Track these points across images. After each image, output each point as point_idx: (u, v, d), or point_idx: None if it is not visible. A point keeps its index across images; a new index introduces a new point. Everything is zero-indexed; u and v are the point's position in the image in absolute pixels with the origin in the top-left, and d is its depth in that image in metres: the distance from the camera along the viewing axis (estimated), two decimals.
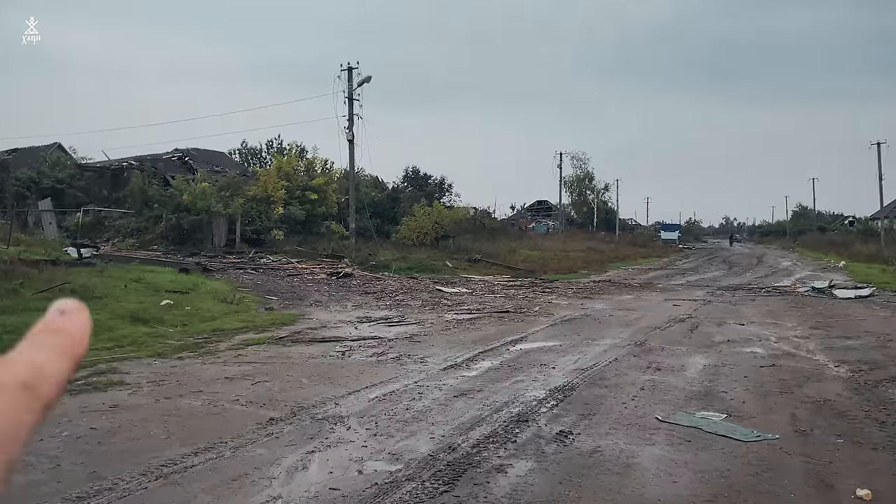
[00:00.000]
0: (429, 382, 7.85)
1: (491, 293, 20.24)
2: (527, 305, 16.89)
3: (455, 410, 6.60)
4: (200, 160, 40.28)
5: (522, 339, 11.47)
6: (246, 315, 13.88)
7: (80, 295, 13.22)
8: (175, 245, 29.80)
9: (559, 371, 8.68)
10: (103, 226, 31.74)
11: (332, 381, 7.92)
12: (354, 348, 10.24)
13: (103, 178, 36.02)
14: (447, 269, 27.91)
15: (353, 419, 6.24)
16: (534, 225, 69.29)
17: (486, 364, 9.13)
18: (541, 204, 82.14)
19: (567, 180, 78.06)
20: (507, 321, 13.89)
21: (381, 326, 12.79)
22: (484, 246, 35.28)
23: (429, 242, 32.41)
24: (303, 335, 11.46)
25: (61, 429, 5.70)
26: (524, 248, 40.95)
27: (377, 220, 36.51)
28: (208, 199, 29.78)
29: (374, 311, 15.22)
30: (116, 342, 10.21)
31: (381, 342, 10.85)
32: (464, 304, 17.19)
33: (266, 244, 29.98)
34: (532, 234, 57.03)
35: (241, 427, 5.92)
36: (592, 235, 61.41)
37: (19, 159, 37.56)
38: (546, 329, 12.83)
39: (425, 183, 49.10)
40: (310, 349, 10.13)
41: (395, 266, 26.66)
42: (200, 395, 7.09)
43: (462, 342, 10.98)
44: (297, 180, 33.42)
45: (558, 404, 6.92)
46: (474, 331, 12.42)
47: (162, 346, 10.00)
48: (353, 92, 27.58)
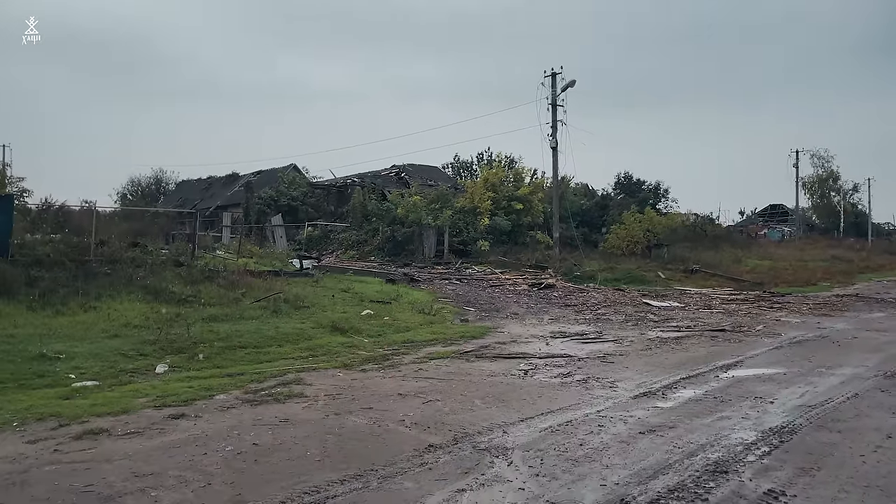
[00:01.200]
0: (613, 413, 6.91)
1: (707, 308, 18.28)
2: (748, 323, 14.88)
3: (638, 451, 5.63)
4: (415, 175, 42.21)
5: (737, 363, 9.93)
6: (440, 327, 13.82)
7: (291, 304, 14.11)
8: (390, 256, 31.35)
9: (778, 407, 7.21)
10: (329, 239, 34.40)
11: (507, 404, 7.31)
12: (539, 367, 9.54)
13: (330, 194, 39.18)
14: (658, 280, 26.00)
15: (517, 452, 5.57)
16: (765, 232, 62.82)
17: (687, 393, 7.91)
18: (774, 208, 74.62)
19: (806, 181, 70.06)
20: (722, 342, 12.24)
21: (574, 343, 11.93)
22: (703, 255, 32.45)
23: (639, 252, 30.52)
24: (489, 350, 11.01)
25: (228, 443, 5.76)
26: (752, 257, 37.09)
27: (584, 228, 35.35)
28: (419, 211, 30.91)
29: (570, 326, 14.36)
30: (312, 351, 10.57)
31: (570, 361, 10.02)
32: (672, 319, 15.63)
33: (472, 254, 30.32)
34: (763, 242, 51.61)
35: (397, 452, 5.54)
36: (838, 242, 54.08)
37: (262, 180, 42.30)
38: (768, 353, 11.05)
39: (638, 189, 46.69)
40: (492, 366, 9.62)
41: (600, 277, 25.41)
42: (369, 412, 6.89)
43: (662, 365, 9.76)
44: (503, 191, 33.48)
45: (771, 452, 5.63)
46: (679, 352, 11.06)
47: (351, 357, 10.14)
48: (556, 98, 26.86)
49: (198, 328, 11.22)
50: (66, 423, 6.31)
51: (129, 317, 11.63)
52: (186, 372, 8.84)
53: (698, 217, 49.59)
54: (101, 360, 9.05)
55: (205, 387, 7.90)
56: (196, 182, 51.22)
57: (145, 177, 62.42)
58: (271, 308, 13.57)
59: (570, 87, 26.62)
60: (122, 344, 9.94)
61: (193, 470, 5.07)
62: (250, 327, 11.80)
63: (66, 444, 5.73)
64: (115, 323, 11.18)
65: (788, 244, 50.69)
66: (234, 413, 6.81)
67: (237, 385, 8.07)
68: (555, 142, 27.00)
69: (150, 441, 5.85)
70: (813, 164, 70.45)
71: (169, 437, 5.97)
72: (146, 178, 62.73)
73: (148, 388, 7.85)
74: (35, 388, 7.70)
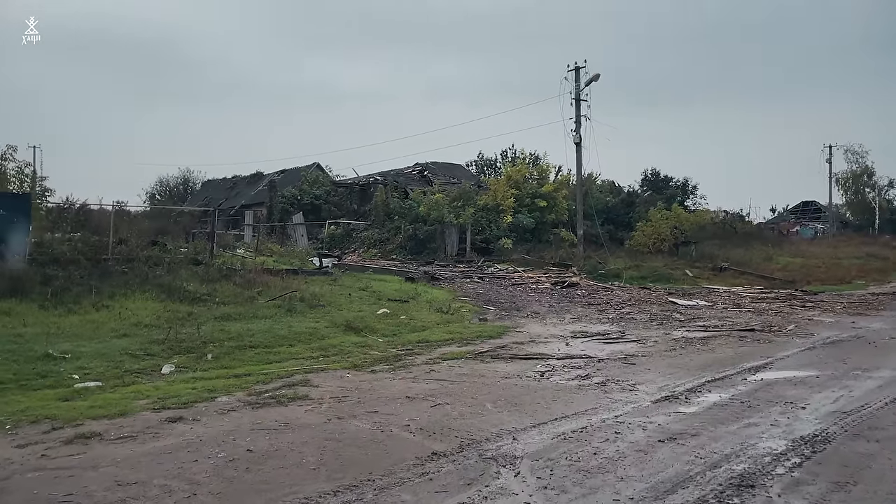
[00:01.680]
0: (632, 418, 6.51)
1: (735, 307, 17.67)
2: (779, 323, 14.29)
3: (656, 461, 5.23)
4: (438, 172, 41.89)
5: (766, 365, 9.43)
6: (457, 326, 13.47)
7: (306, 303, 13.88)
8: (411, 255, 31.05)
9: (810, 413, 6.74)
10: (351, 237, 34.22)
11: (519, 408, 6.95)
12: (557, 368, 9.15)
13: (353, 193, 39.03)
14: (686, 278, 25.34)
15: (525, 462, 5.21)
16: (798, 229, 61.35)
17: (712, 398, 7.47)
18: (807, 205, 72.91)
19: (839, 177, 68.05)
20: (750, 342, 11.72)
21: (595, 343, 11.50)
22: (733, 253, 31.62)
23: (666, 249, 29.80)
24: (506, 350, 10.64)
25: (221, 449, 5.49)
26: (783, 254, 36.06)
27: (610, 226, 34.69)
28: (441, 209, 30.57)
29: (592, 326, 13.92)
30: (323, 351, 10.30)
31: (590, 363, 9.61)
32: (699, 319, 15.09)
33: (494, 253, 29.90)
34: (795, 239, 50.37)
35: (397, 460, 5.21)
36: (873, 239, 52.41)
37: (286, 179, 42.34)
38: (800, 354, 10.52)
39: (666, 186, 45.73)
40: (507, 367, 9.25)
41: (625, 275, 24.84)
42: (373, 416, 6.57)
43: (686, 367, 9.30)
44: (526, 188, 32.99)
45: (802, 463, 5.19)
46: (705, 353, 10.57)
47: (362, 358, 9.85)
48: (580, 92, 26.25)
49: (209, 327, 11.03)
50: (60, 427, 6.09)
51: (141, 316, 11.48)
52: (193, 372, 8.61)
53: (728, 214, 48.52)
54: (106, 360, 8.87)
55: (208, 388, 7.66)
56: (221, 182, 51.51)
57: (173, 177, 63.11)
58: (286, 307, 13.35)
59: (593, 81, 26.00)
60: (131, 343, 9.77)
61: (180, 479, 4.79)
62: (263, 326, 11.58)
63: (56, 448, 5.50)
64: (125, 322, 11.03)
65: (821, 241, 49.35)
66: (234, 416, 6.55)
67: (242, 386, 7.82)
68: (578, 137, 26.41)
69: (141, 446, 5.60)
70: (847, 159, 68.46)
71: (162, 441, 5.71)
72: (174, 179, 63.44)
73: (151, 389, 7.64)
74: (36, 389, 7.52)
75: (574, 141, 26.65)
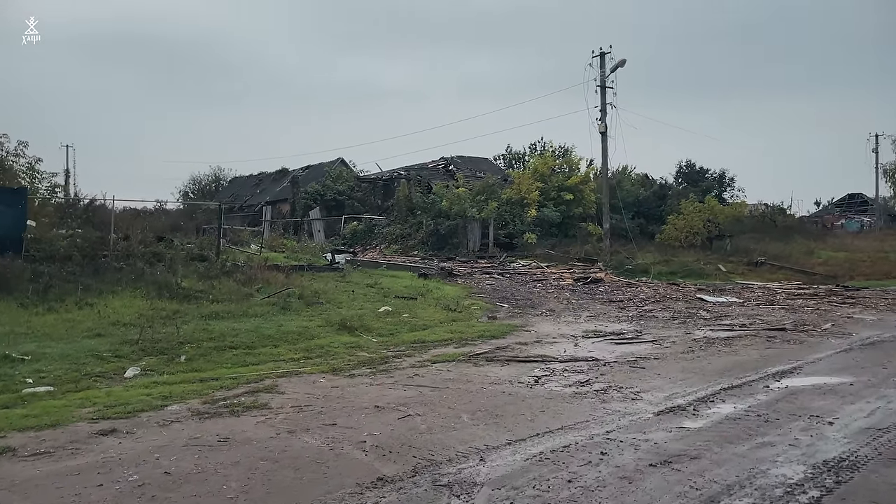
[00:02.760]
0: (625, 435, 5.61)
1: (768, 304, 16.47)
2: (814, 321, 13.13)
3: (641, 492, 4.34)
4: (464, 167, 40.99)
5: (793, 370, 8.40)
6: (461, 325, 12.64)
7: (304, 300, 13.22)
8: (433, 250, 30.26)
9: (838, 430, 5.76)
10: (373, 233, 33.60)
11: (499, 420, 6.10)
12: (555, 373, 8.27)
13: (376, 188, 38.40)
14: (719, 274, 24.04)
15: (484, 491, 4.37)
16: (842, 222, 58.77)
17: (725, 409, 6.52)
18: (853, 198, 69.87)
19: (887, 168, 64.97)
20: (779, 343, 10.64)
21: (605, 344, 10.57)
22: (770, 247, 30.07)
23: (699, 243, 28.45)
24: (505, 352, 9.78)
25: (136, 471, 4.77)
26: (826, 248, 34.23)
27: (641, 220, 33.41)
28: (463, 203, 29.72)
29: (608, 324, 12.96)
30: (307, 353, 9.59)
31: (594, 366, 8.70)
32: (726, 317, 13.99)
33: (518, 248, 28.96)
34: (839, 233, 48.07)
35: (334, 487, 4.43)
36: None
37: (310, 175, 41.91)
38: (834, 356, 9.44)
39: (701, 178, 44.07)
40: (501, 371, 8.40)
41: (653, 270, 23.66)
42: (329, 430, 5.80)
43: (702, 372, 8.33)
44: (552, 181, 31.92)
45: (822, 498, 4.25)
46: (726, 355, 9.56)
47: (347, 360, 9.10)
48: (605, 79, 25.02)
49: (192, 326, 10.42)
50: None
51: (122, 314, 10.92)
52: (158, 376, 7.96)
53: (768, 207, 46.56)
54: (69, 363, 8.29)
55: (164, 395, 6.99)
56: (247, 178, 51.37)
57: (204, 174, 63.33)
58: (281, 304, 12.70)
59: (619, 66, 24.73)
60: (101, 344, 9.19)
61: None
62: (250, 325, 10.92)
63: None
64: (104, 321, 10.48)
65: (867, 235, 46.97)
66: (174, 429, 5.84)
67: (202, 393, 7.13)
68: (604, 126, 25.20)
69: (53, 465, 4.92)
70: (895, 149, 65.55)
71: (77, 460, 5.03)
72: (205, 177, 63.65)
73: (101, 395, 7.00)
74: None
75: (599, 130, 25.44)
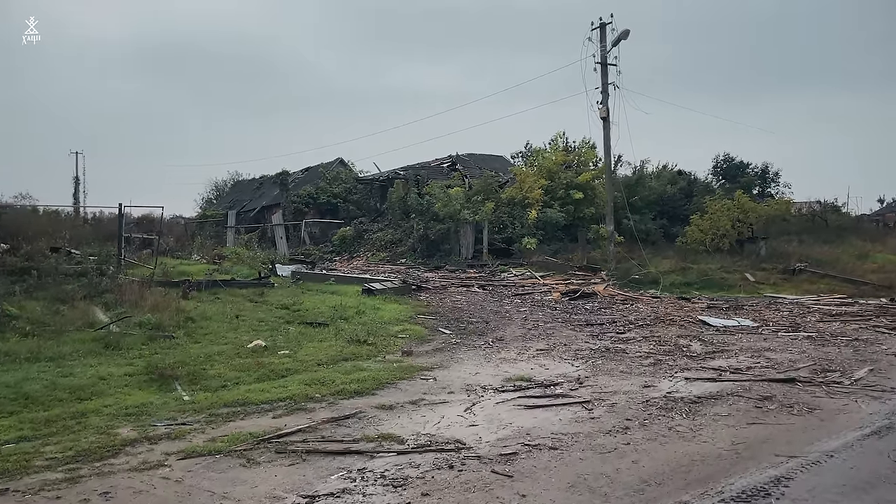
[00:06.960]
0: None
1: (791, 328, 12.59)
2: (844, 362, 9.31)
3: None
4: (473, 165, 37.58)
5: (774, 485, 4.77)
6: (349, 366, 9.26)
7: (147, 334, 10.13)
8: (423, 258, 26.98)
9: None
10: (363, 239, 30.52)
11: None
12: (355, 487, 4.83)
13: (373, 189, 35.32)
14: (745, 284, 19.94)
15: None
16: None
17: None
18: None
19: None
20: (775, 411, 6.93)
21: (513, 407, 7.06)
22: (814, 250, 25.67)
23: (727, 247, 24.29)
24: (338, 429, 6.34)
25: None
26: (884, 251, 29.52)
27: (663, 220, 29.32)
28: (455, 204, 26.33)
29: (553, 364, 9.42)
30: (39, 427, 6.40)
31: (439, 465, 5.23)
32: (723, 353, 10.25)
33: (515, 254, 25.40)
34: None
35: None
36: None
37: (308, 177, 39.11)
38: (856, 447, 5.73)
39: (741, 173, 39.43)
40: (261, 483, 5.00)
41: (665, 280, 19.75)
42: None
43: (606, 488, 4.77)
44: (560, 178, 28.18)
45: None
46: (677, 440, 5.92)
47: (60, 447, 5.86)
48: (605, 55, 21.14)
49: None
50: None
51: None
52: None
53: (820, 204, 41.53)
54: None
55: None
56: (249, 182, 48.99)
57: (221, 180, 61.52)
58: (108, 341, 9.61)
59: (622, 39, 20.78)
60: None
61: None
62: (18, 375, 7.83)
63: None
64: None
65: None
66: None
67: None
68: (605, 110, 21.29)
69: None
70: None
71: None
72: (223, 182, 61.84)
73: None
74: None
75: (600, 115, 21.54)
